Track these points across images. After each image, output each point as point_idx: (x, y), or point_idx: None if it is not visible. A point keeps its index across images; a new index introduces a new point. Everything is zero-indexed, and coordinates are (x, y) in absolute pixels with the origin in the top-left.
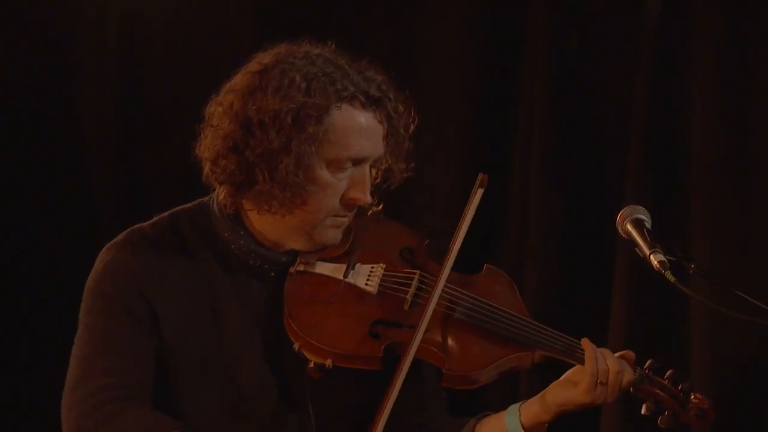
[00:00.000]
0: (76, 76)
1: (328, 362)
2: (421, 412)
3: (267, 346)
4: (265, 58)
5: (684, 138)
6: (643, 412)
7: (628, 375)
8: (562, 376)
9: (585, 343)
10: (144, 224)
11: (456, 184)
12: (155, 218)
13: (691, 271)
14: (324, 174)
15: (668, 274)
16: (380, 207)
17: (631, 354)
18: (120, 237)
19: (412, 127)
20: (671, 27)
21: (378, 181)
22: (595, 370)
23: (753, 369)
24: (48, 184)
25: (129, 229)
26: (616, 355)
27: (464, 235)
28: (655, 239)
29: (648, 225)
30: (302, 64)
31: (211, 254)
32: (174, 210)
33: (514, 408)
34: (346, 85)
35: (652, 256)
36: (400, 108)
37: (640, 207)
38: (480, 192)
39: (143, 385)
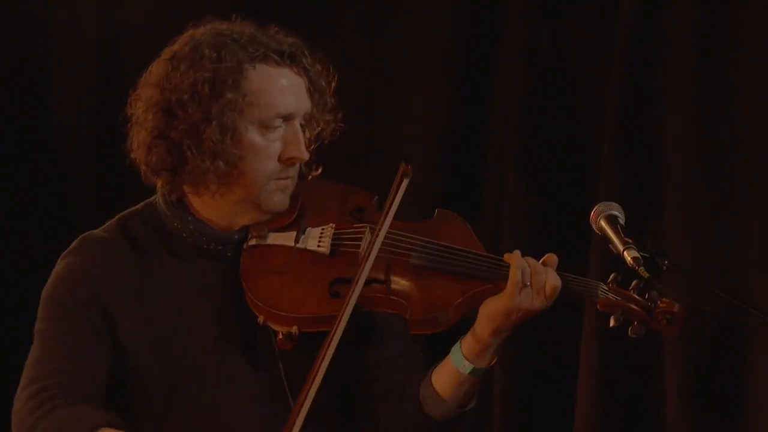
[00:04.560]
0: (52, 73)
1: (294, 329)
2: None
3: (233, 326)
4: (173, 45)
5: (659, 134)
6: (611, 324)
7: (553, 277)
8: None
9: (509, 256)
10: (95, 230)
11: (430, 177)
12: (105, 224)
13: (665, 268)
14: (254, 137)
15: (642, 270)
16: (319, 170)
17: (553, 257)
18: (73, 244)
19: (333, 84)
20: (647, 23)
21: (312, 147)
22: (519, 277)
23: (725, 364)
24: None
25: (80, 236)
26: (540, 261)
27: (389, 223)
28: (628, 235)
29: (622, 221)
30: (209, 37)
31: (164, 248)
32: (121, 214)
33: (456, 344)
34: (257, 47)
35: (625, 252)
36: (317, 66)
37: (614, 203)
38: (405, 183)
39: (93, 389)
